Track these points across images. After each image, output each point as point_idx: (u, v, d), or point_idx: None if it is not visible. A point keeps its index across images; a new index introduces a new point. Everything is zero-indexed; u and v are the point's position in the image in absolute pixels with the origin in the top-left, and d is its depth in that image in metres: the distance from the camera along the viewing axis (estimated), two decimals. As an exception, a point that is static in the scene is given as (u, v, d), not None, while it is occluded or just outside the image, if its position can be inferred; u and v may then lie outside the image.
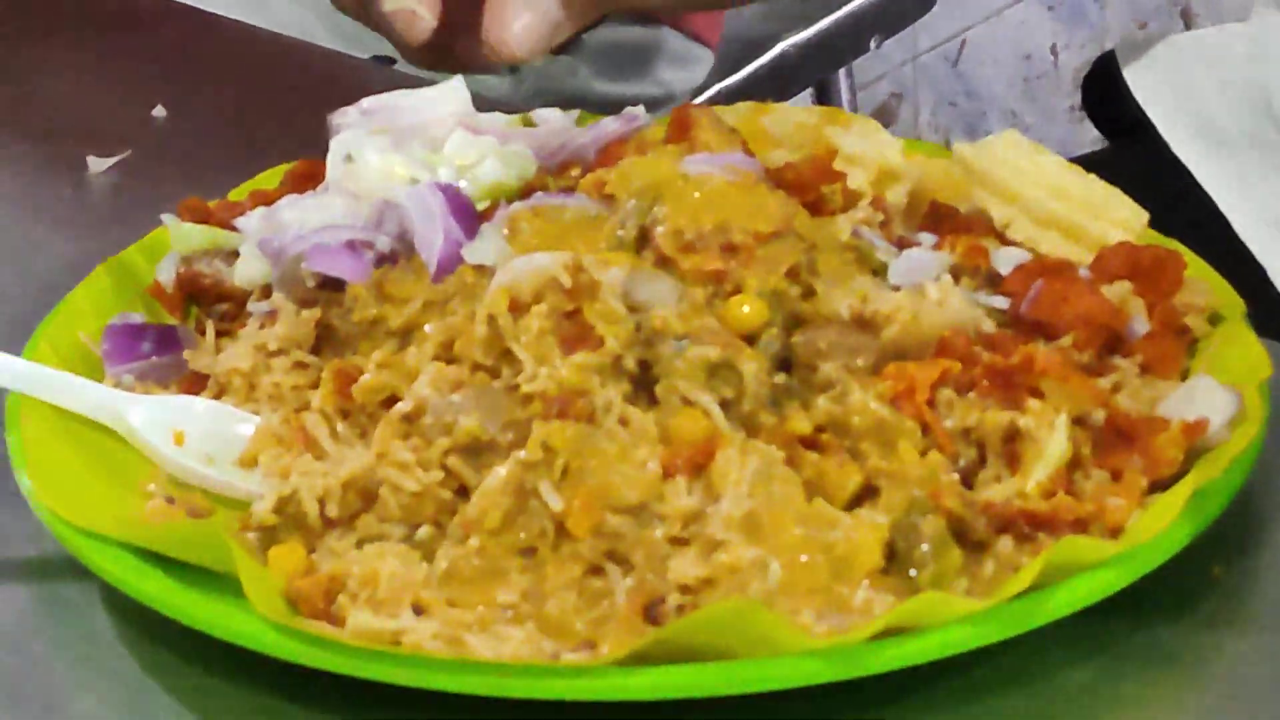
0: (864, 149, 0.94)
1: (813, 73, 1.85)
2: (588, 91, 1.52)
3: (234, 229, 0.94)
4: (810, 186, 0.89)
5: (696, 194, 0.85)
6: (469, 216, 0.88)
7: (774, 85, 1.77)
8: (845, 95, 1.93)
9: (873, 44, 1.88)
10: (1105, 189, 0.93)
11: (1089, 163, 1.14)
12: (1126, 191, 1.08)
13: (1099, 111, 1.26)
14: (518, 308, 0.81)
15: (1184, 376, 0.84)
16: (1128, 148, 1.22)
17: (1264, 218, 1.14)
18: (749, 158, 0.90)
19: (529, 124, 0.98)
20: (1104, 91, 1.24)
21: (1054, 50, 3.06)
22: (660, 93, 1.59)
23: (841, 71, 1.91)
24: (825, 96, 1.91)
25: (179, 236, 0.93)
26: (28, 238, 1.01)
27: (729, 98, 1.65)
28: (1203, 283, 0.89)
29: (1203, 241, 1.09)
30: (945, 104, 2.84)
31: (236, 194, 0.98)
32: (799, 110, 0.97)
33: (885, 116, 2.76)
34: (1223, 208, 1.16)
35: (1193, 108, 1.19)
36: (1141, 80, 1.21)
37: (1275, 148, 1.16)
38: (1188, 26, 3.37)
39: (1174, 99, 1.20)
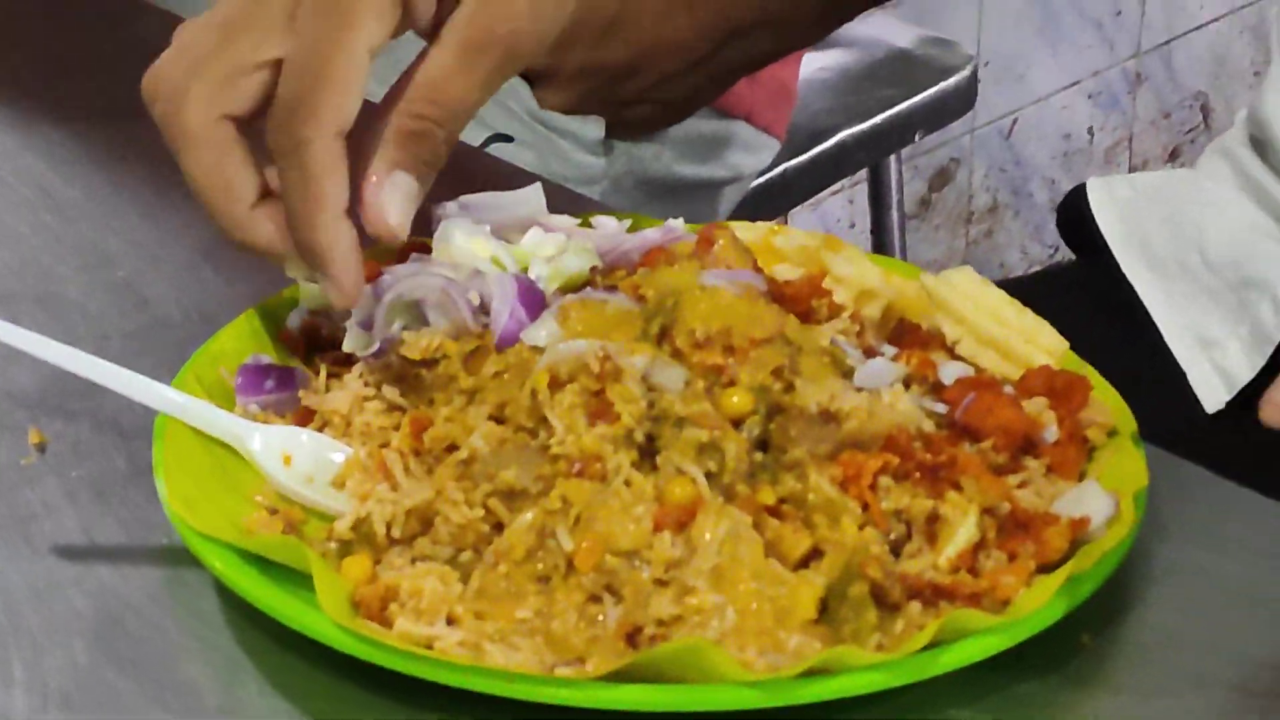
0: (850, 271, 0.94)
1: (866, 159, 1.82)
2: (669, 172, 1.49)
3: None
4: (802, 300, 0.90)
5: (708, 303, 0.86)
6: (535, 304, 0.89)
7: (833, 168, 1.77)
8: (894, 178, 1.89)
9: (918, 136, 1.85)
10: (1035, 320, 0.92)
11: (1060, 274, 1.17)
12: (1087, 300, 1.15)
13: (1069, 232, 1.23)
14: (556, 384, 0.83)
15: (1081, 478, 0.85)
16: (1093, 264, 1.20)
17: (1190, 335, 1.13)
18: (755, 274, 0.90)
19: (588, 225, 0.98)
20: (1074, 216, 1.21)
21: (1090, 131, 3.09)
22: (731, 174, 1.54)
23: (891, 157, 1.87)
24: (877, 178, 1.89)
25: (307, 294, 0.95)
26: (196, 277, 1.01)
27: (793, 177, 1.68)
28: (1105, 404, 0.89)
29: (1142, 347, 1.15)
30: (996, 169, 2.85)
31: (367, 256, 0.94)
32: (804, 234, 0.96)
33: (945, 177, 2.76)
34: (1158, 322, 1.15)
35: (1140, 237, 1.18)
36: (1103, 210, 1.19)
37: (1202, 278, 1.15)
38: (1205, 119, 3.36)
39: (1125, 228, 1.18)
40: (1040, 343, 0.91)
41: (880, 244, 1.96)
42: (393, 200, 0.89)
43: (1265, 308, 1.10)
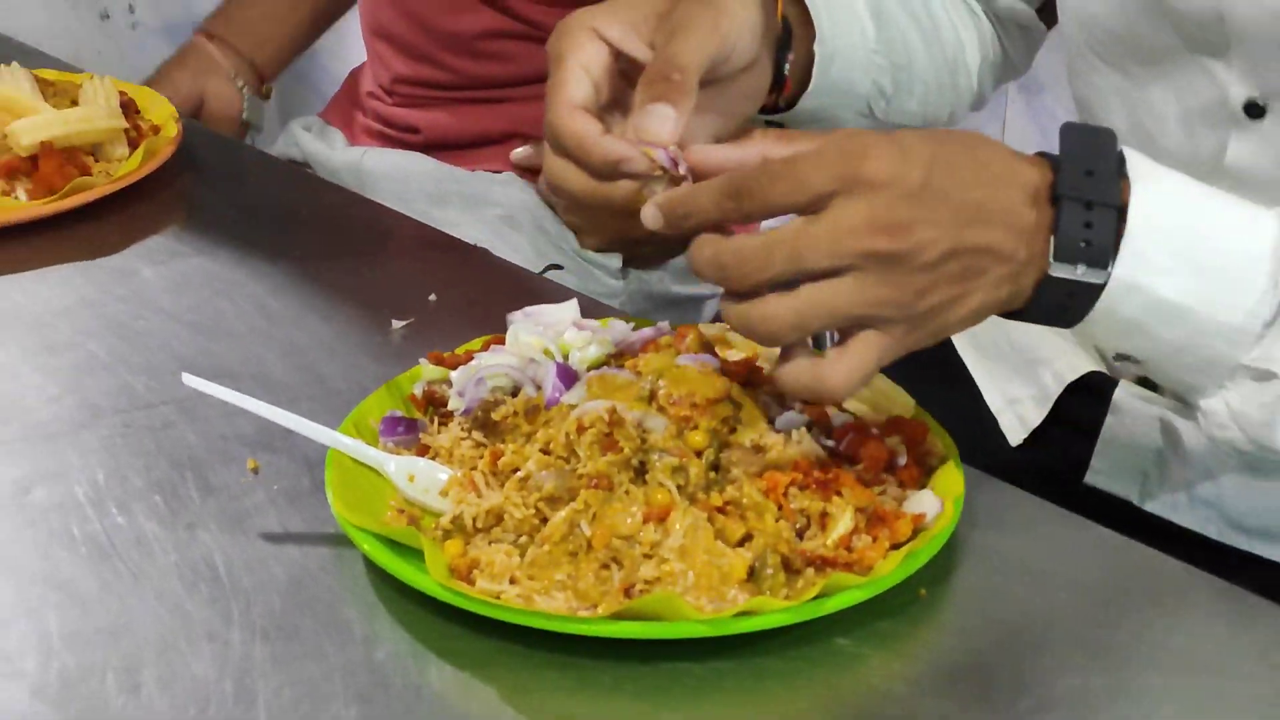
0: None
1: None
2: (666, 290, 1.45)
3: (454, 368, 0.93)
4: (742, 373, 0.89)
5: (680, 376, 0.86)
6: (570, 379, 0.88)
7: None
8: None
9: None
10: (893, 386, 0.91)
11: (919, 353, 1.16)
12: (936, 371, 1.08)
13: None
14: (581, 429, 0.83)
15: (921, 489, 0.85)
16: (940, 346, 1.16)
17: (999, 394, 1.11)
18: (712, 357, 0.89)
19: (607, 326, 0.95)
20: None
21: None
22: (710, 292, 1.48)
23: None
24: None
25: (428, 372, 0.94)
26: (354, 363, 1.01)
27: None
28: (938, 440, 0.88)
29: (968, 401, 1.14)
30: None
31: (462, 349, 0.96)
32: None
33: None
34: (980, 385, 1.13)
35: (974, 332, 1.08)
36: None
37: (1009, 357, 1.12)
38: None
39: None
40: (897, 401, 0.90)
41: (816, 339, 1.85)
42: (656, 118, 0.83)
43: (1047, 377, 1.07)
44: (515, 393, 0.90)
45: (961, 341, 1.15)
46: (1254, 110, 0.95)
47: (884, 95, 1.11)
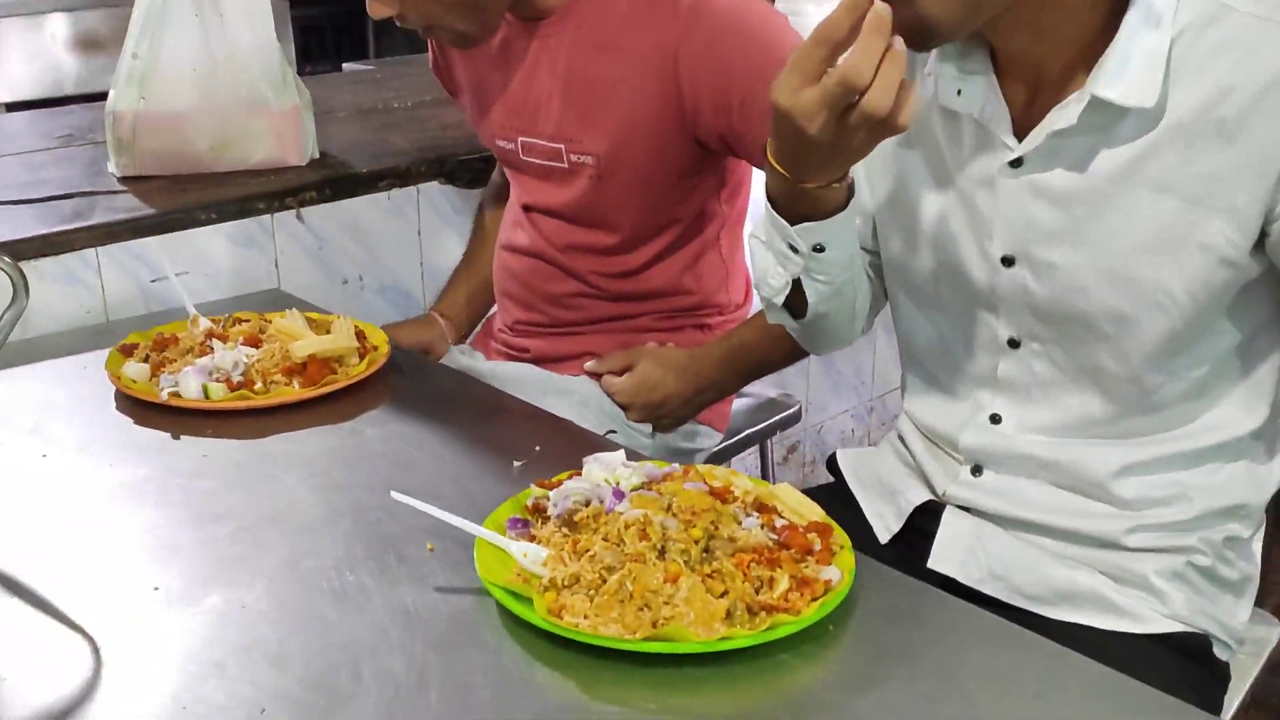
0: (742, 483, 0.90)
1: (757, 439, 1.62)
2: (676, 445, 1.40)
3: (552, 489, 0.90)
4: (722, 494, 0.88)
5: (685, 495, 0.86)
6: (620, 497, 0.86)
7: (745, 442, 1.60)
8: (770, 447, 1.72)
9: (778, 432, 1.65)
10: (811, 503, 0.88)
11: (826, 488, 1.13)
12: (838, 497, 1.09)
13: (831, 470, 1.14)
14: (627, 526, 0.82)
15: (829, 564, 0.82)
16: (838, 484, 1.12)
17: (875, 514, 1.07)
18: (703, 483, 0.88)
19: (641, 465, 0.92)
20: (833, 464, 1.13)
21: (853, 432, 2.53)
22: (700, 447, 1.44)
23: (769, 441, 1.68)
24: (763, 447, 1.70)
25: (536, 492, 0.90)
26: (492, 486, 0.98)
27: (728, 447, 1.55)
28: (840, 536, 0.85)
29: (858, 515, 1.08)
30: (813, 447, 2.39)
31: (556, 479, 0.92)
32: (722, 470, 0.92)
33: (795, 449, 2.40)
34: (862, 506, 1.08)
35: (854, 472, 1.11)
36: (844, 461, 1.12)
37: (876, 488, 1.08)
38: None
39: (850, 469, 1.12)
40: (814, 512, 0.88)
41: (765, 474, 1.75)
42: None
43: (902, 503, 1.05)
44: (588, 504, 0.88)
45: (851, 479, 1.12)
46: (1013, 343, 0.95)
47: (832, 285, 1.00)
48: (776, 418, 1.67)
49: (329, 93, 2.17)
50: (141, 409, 1.12)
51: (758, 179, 1.36)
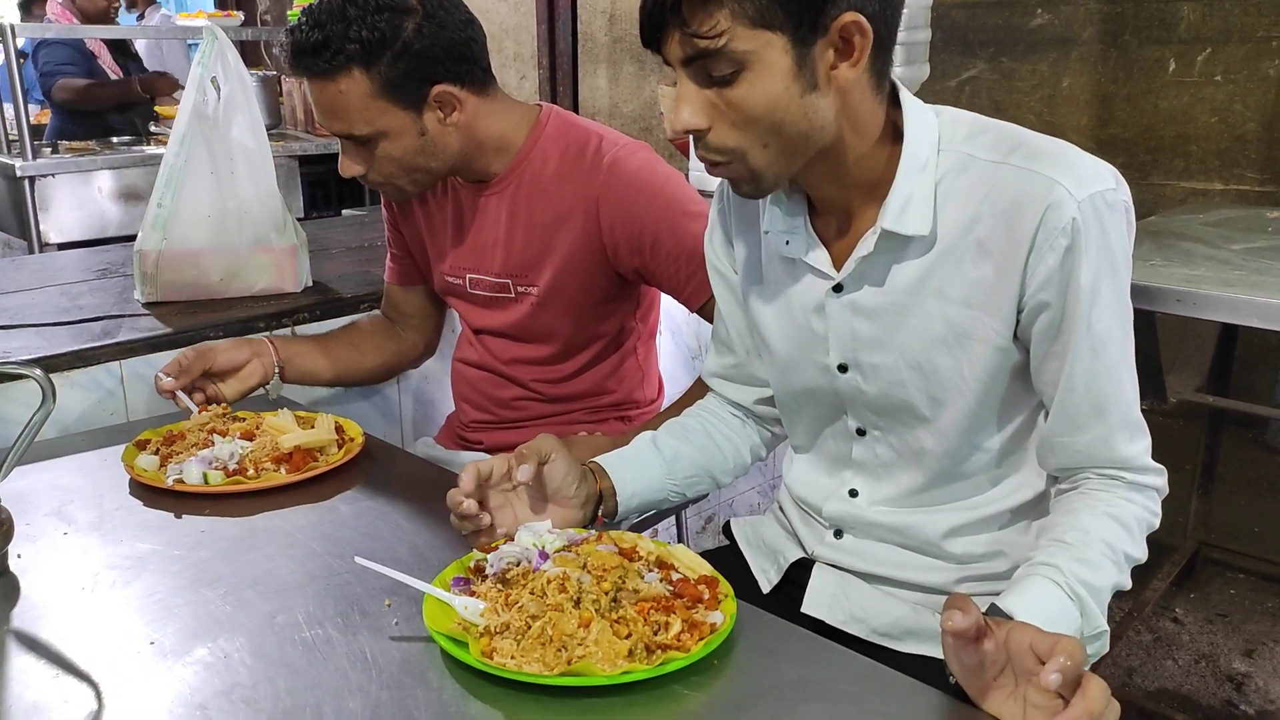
0: (645, 545, 0.88)
1: (670, 513, 1.52)
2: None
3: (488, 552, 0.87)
4: (629, 554, 0.86)
5: (598, 555, 0.84)
6: (545, 558, 0.84)
7: (662, 513, 1.47)
8: (685, 518, 1.63)
9: (690, 505, 1.61)
10: (699, 558, 0.86)
11: (723, 550, 1.11)
12: (730, 559, 1.08)
13: (727, 533, 1.11)
14: (549, 581, 0.81)
15: (715, 610, 0.81)
16: (731, 545, 1.12)
17: (758, 566, 1.05)
18: (613, 546, 0.86)
19: (563, 532, 0.89)
20: (728, 529, 1.11)
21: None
22: (624, 518, 1.31)
23: (683, 512, 1.59)
24: (679, 518, 1.62)
25: (477, 555, 0.88)
26: (443, 551, 0.94)
27: (648, 520, 1.46)
28: (726, 586, 0.84)
29: (745, 570, 1.07)
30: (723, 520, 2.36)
31: (494, 544, 0.88)
32: (631, 534, 0.90)
33: (711, 520, 2.27)
34: (749, 561, 1.08)
35: (745, 537, 1.11)
36: (737, 527, 1.11)
37: (762, 548, 1.07)
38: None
39: (743, 535, 1.11)
40: (705, 568, 0.87)
41: (681, 538, 1.64)
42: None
43: (781, 560, 1.05)
44: (519, 564, 0.87)
45: (741, 541, 1.11)
46: (860, 432, 0.98)
47: (680, 493, 1.06)
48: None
49: (326, 233, 2.19)
50: (151, 493, 1.10)
51: (665, 299, 1.42)
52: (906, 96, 0.85)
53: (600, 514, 1.00)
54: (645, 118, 3.43)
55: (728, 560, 1.04)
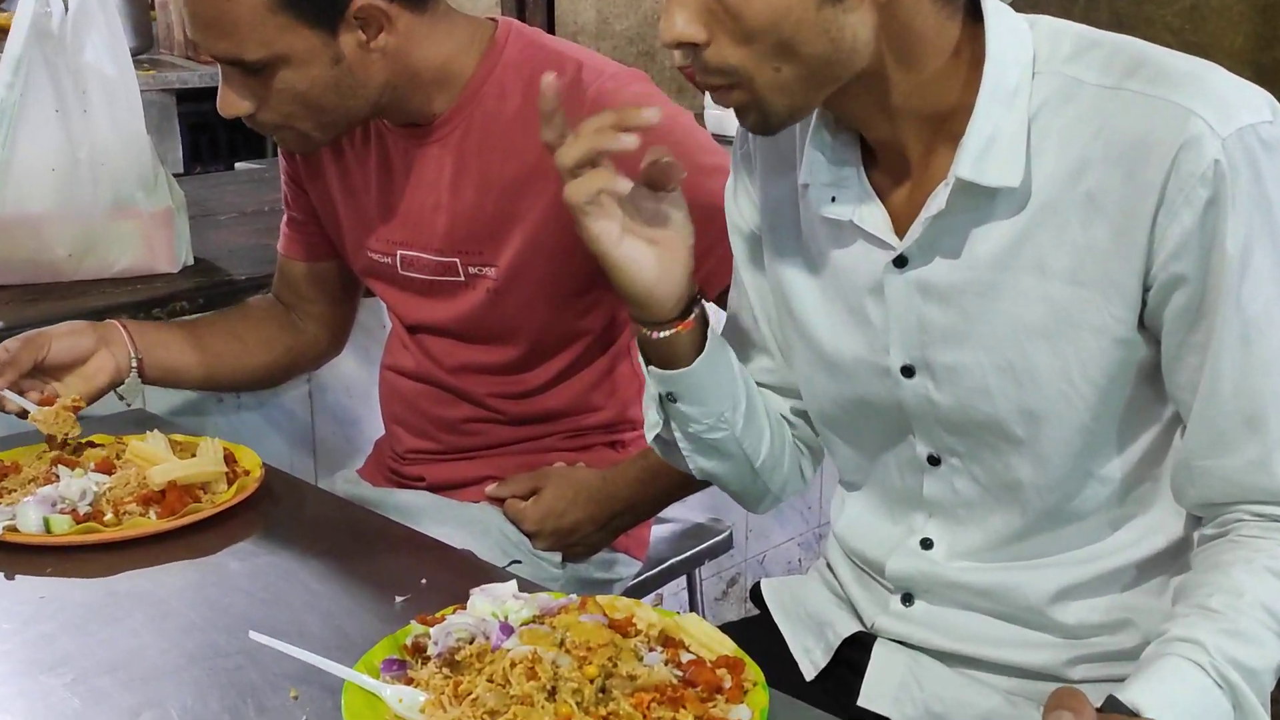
0: (645, 615, 0.90)
1: (683, 570, 1.63)
2: (589, 575, 1.41)
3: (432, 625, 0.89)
4: (623, 626, 0.89)
5: (581, 628, 0.86)
6: (508, 632, 0.87)
7: (670, 573, 1.60)
8: (699, 579, 1.70)
9: (706, 561, 1.66)
10: (718, 634, 0.88)
11: (750, 621, 1.15)
12: (761, 632, 1.10)
13: (755, 601, 1.15)
14: (513, 664, 0.82)
15: (739, 703, 0.81)
16: (763, 616, 1.14)
17: (801, 648, 1.09)
18: (602, 616, 0.88)
19: (534, 597, 0.92)
20: (757, 594, 1.15)
21: (799, 560, 2.52)
22: (617, 577, 1.46)
23: (697, 570, 1.66)
24: (691, 579, 1.69)
25: (416, 628, 0.91)
26: (369, 624, 0.98)
27: (650, 581, 1.56)
28: (752, 672, 0.86)
29: (781, 649, 1.10)
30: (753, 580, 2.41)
31: (440, 613, 0.92)
32: (625, 600, 0.93)
33: (734, 583, 2.39)
34: (788, 641, 1.10)
35: (780, 604, 1.13)
36: (768, 591, 1.14)
37: (804, 621, 1.10)
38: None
39: (776, 600, 1.13)
40: (725, 645, 0.88)
41: (694, 607, 1.71)
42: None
43: (830, 635, 1.06)
44: (473, 641, 0.88)
45: (776, 611, 1.13)
46: (933, 460, 0.98)
47: (738, 424, 1.03)
48: (705, 545, 1.67)
49: (212, 193, 2.21)
50: (-30, 547, 1.09)
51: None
52: (991, 2, 0.86)
53: (693, 315, 0.97)
54: (645, 38, 3.47)
55: (758, 635, 1.02)
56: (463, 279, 1.33)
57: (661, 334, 0.96)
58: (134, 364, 1.34)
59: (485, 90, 1.27)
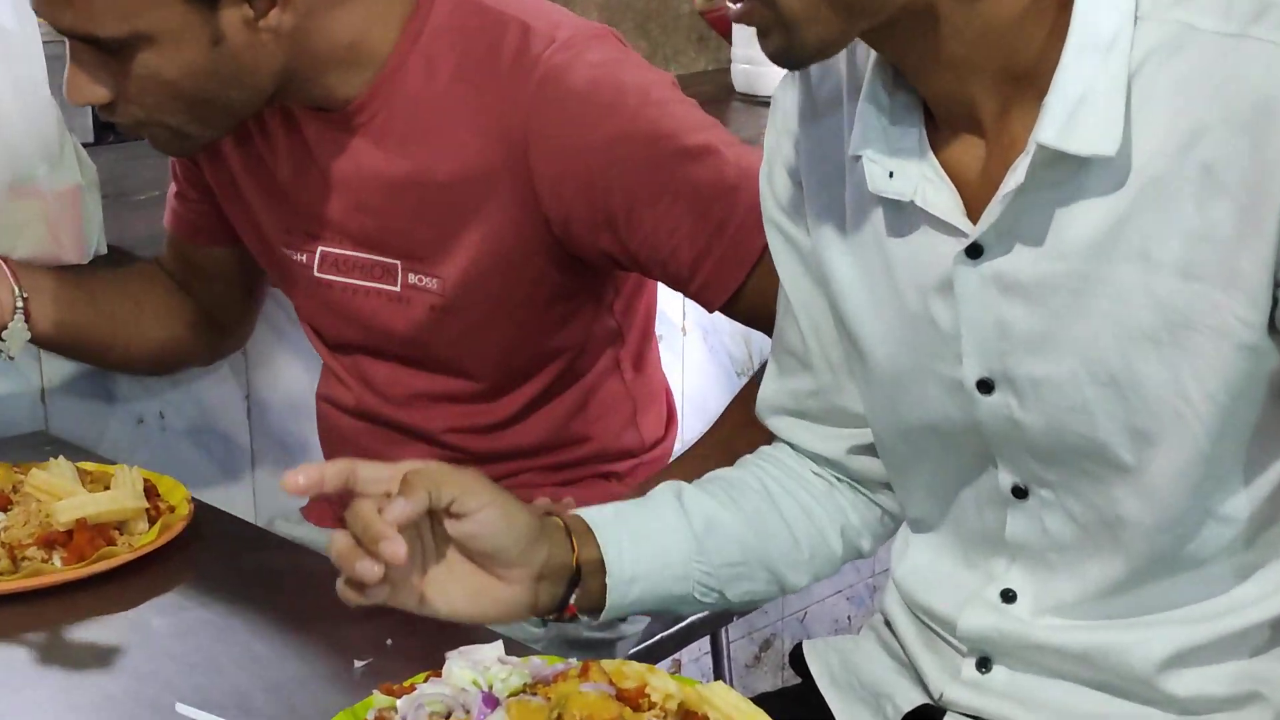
0: (662, 684, 0.88)
1: (705, 631, 1.62)
2: (580, 634, 1.39)
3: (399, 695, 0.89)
4: (633, 699, 0.87)
5: (581, 699, 0.84)
6: (492, 704, 0.85)
7: (690, 633, 1.58)
8: (725, 640, 1.70)
9: (735, 618, 1.67)
10: (750, 706, 0.87)
11: (787, 690, 1.14)
12: (806, 706, 1.08)
13: (795, 667, 1.14)
14: None
15: None
16: (804, 684, 1.12)
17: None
18: (608, 685, 0.87)
19: (526, 661, 0.92)
20: (798, 659, 1.12)
21: (848, 618, 2.57)
22: (618, 636, 1.44)
23: (723, 629, 1.66)
24: (716, 640, 1.69)
25: (379, 700, 0.90)
26: (323, 695, 0.98)
27: (665, 642, 1.55)
28: None
29: None
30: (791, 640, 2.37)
31: (408, 681, 0.92)
32: (637, 666, 0.91)
33: (768, 645, 2.42)
34: (839, 717, 1.08)
35: (828, 672, 1.11)
36: (811, 657, 1.12)
37: (858, 691, 1.09)
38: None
39: (821, 667, 1.11)
40: (745, 708, 0.87)
41: (719, 674, 1.71)
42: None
43: (889, 709, 1.05)
44: (449, 715, 0.87)
45: (821, 678, 1.12)
46: (1019, 492, 0.96)
47: (714, 592, 1.07)
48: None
49: (128, 168, 2.17)
50: None
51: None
52: None
53: (572, 603, 1.01)
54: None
55: (798, 709, 1.02)
56: (398, 289, 1.29)
57: (559, 619, 1.02)
58: (19, 305, 1.29)
59: (408, 66, 1.21)
